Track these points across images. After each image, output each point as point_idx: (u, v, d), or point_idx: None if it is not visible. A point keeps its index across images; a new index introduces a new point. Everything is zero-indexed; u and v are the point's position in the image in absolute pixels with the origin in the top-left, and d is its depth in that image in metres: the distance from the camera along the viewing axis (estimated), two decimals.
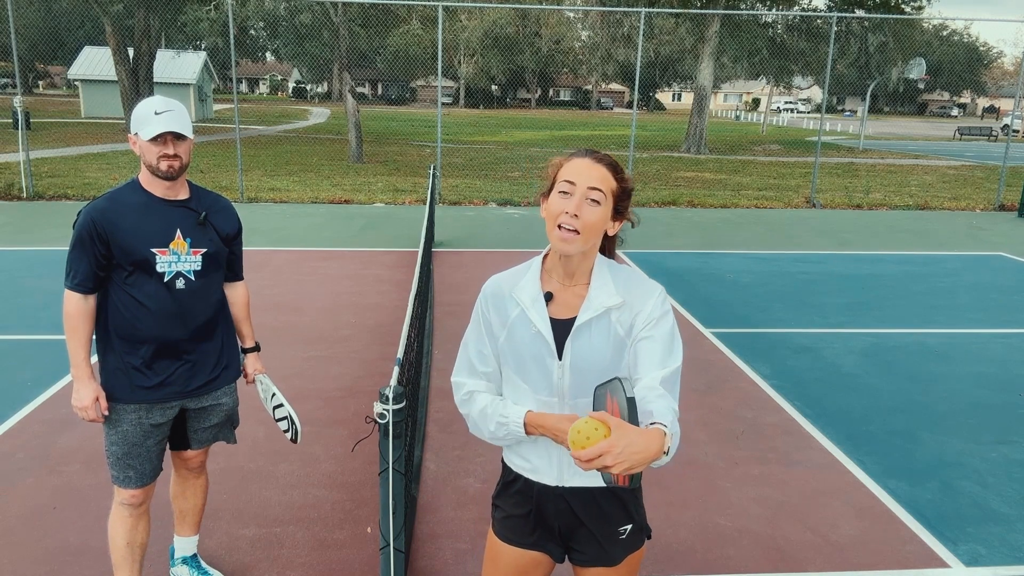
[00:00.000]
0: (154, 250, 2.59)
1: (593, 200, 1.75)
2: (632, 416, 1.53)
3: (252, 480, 3.94)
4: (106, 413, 2.66)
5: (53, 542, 3.36)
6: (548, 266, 1.90)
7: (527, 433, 1.84)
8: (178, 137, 2.55)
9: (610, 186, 1.78)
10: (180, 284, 2.66)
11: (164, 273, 2.62)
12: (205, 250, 2.71)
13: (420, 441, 4.33)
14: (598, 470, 1.47)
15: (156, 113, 2.52)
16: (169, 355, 2.67)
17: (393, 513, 2.44)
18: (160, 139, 2.53)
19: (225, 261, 2.84)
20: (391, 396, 2.34)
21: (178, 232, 2.65)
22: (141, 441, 2.70)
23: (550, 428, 1.80)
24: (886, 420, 4.92)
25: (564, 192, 1.77)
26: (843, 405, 5.15)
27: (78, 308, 2.60)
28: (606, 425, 1.49)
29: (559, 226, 1.76)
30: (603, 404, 1.60)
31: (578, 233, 1.75)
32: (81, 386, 2.62)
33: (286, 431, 3.02)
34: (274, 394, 3.02)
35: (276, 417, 3.05)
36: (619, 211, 1.84)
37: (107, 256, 2.56)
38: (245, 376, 3.03)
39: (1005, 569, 3.36)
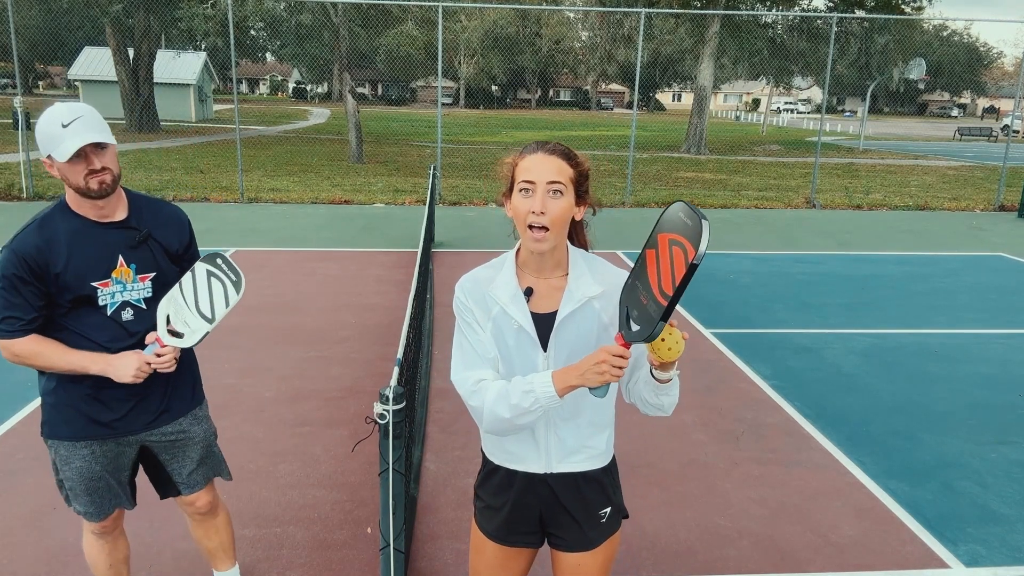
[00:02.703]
0: (95, 284, 2.27)
1: (555, 191, 1.78)
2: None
3: (251, 480, 3.94)
4: (162, 347, 2.31)
5: (53, 542, 3.36)
6: (521, 261, 1.91)
7: (559, 394, 1.74)
8: (99, 146, 2.19)
9: (568, 174, 1.81)
10: (128, 315, 2.35)
11: (107, 306, 2.31)
12: (153, 274, 2.39)
13: (420, 441, 4.33)
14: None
15: (64, 125, 2.12)
16: (116, 386, 2.35)
17: (393, 513, 2.44)
18: (80, 156, 2.16)
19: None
20: (391, 396, 2.34)
21: (120, 259, 2.32)
22: (99, 476, 2.44)
23: (582, 374, 1.70)
24: (886, 420, 4.92)
25: (525, 191, 1.79)
26: (843, 405, 5.15)
27: (28, 345, 2.24)
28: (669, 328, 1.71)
29: (530, 227, 1.78)
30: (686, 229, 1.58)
31: (547, 229, 1.77)
32: (116, 363, 2.28)
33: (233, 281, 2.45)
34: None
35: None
36: (581, 195, 1.86)
37: (46, 294, 2.24)
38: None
39: (1005, 569, 3.36)
